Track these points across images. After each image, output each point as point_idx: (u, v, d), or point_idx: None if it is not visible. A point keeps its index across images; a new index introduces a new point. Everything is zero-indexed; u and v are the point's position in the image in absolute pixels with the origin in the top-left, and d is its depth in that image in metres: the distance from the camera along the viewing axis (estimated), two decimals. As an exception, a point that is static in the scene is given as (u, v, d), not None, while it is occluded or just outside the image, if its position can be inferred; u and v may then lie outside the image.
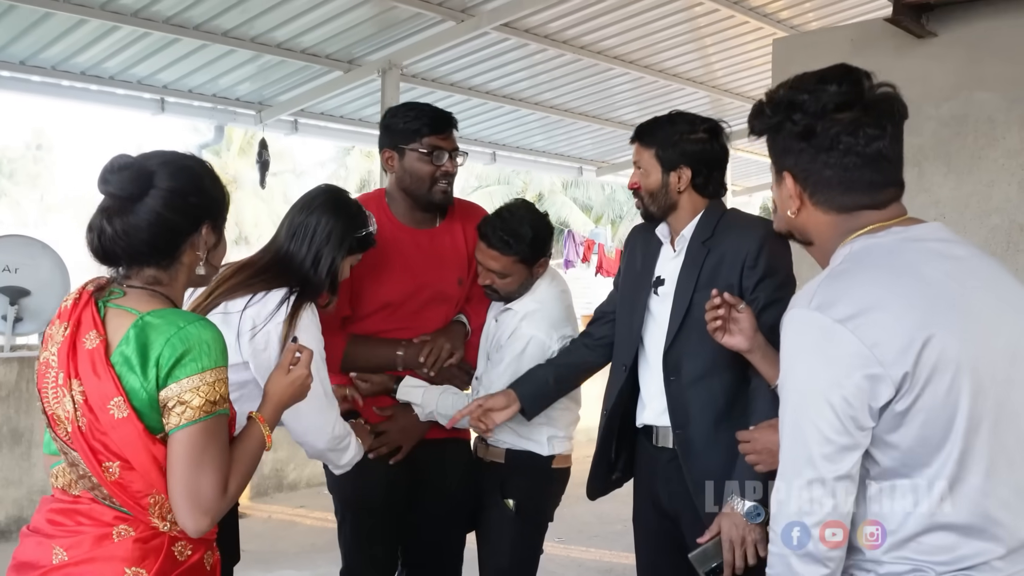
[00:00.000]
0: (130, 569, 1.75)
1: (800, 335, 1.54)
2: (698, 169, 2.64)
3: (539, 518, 3.10)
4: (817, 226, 1.66)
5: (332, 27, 6.94)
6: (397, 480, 3.02)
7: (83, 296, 1.83)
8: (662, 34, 7.69)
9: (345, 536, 3.10)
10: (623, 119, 9.92)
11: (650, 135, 2.68)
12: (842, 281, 1.53)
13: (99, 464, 1.75)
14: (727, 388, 2.58)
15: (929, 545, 1.50)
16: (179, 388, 1.73)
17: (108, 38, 6.70)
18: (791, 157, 1.63)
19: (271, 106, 8.43)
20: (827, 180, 1.61)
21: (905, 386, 1.45)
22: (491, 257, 2.95)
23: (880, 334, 1.45)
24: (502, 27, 7.07)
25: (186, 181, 1.87)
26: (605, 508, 6.86)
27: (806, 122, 1.59)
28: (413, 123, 2.94)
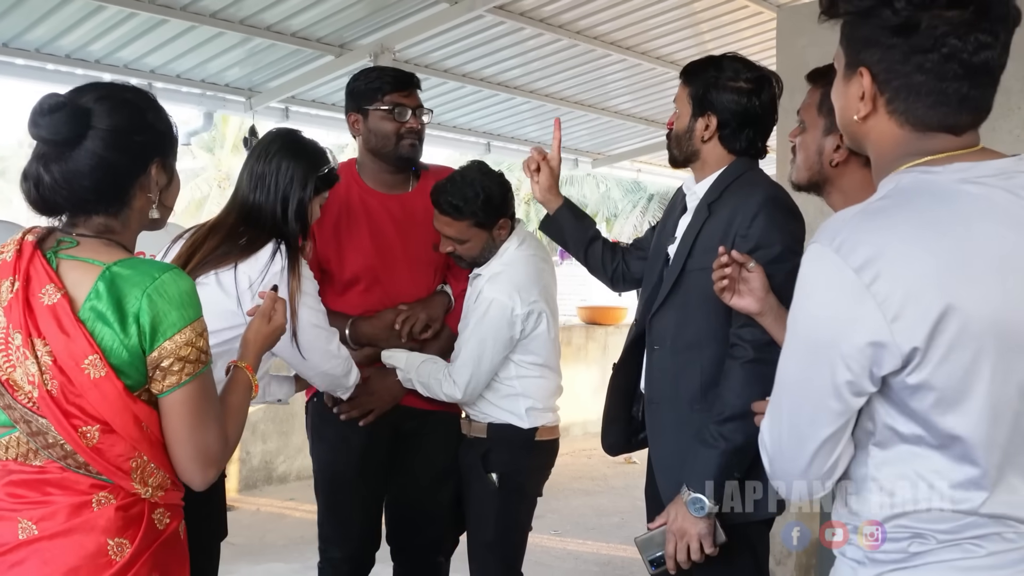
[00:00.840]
0: (113, 540, 1.65)
1: (813, 276, 1.36)
2: (725, 120, 2.48)
3: (522, 492, 3.03)
4: (880, 138, 1.43)
5: (323, 9, 6.80)
6: (374, 450, 2.99)
7: (25, 248, 1.68)
8: (658, 19, 7.56)
9: (319, 506, 3.07)
10: (619, 108, 9.79)
11: (692, 74, 2.55)
12: (876, 221, 1.33)
13: (75, 429, 1.63)
14: (707, 367, 2.42)
15: (934, 518, 1.36)
16: (174, 345, 1.64)
17: (93, 19, 6.54)
18: (876, 51, 1.37)
19: (261, 92, 8.28)
20: (915, 86, 1.36)
21: (914, 360, 1.28)
22: (445, 224, 2.93)
23: (897, 297, 1.27)
24: (496, 10, 6.94)
25: (128, 117, 1.73)
26: (602, 501, 6.81)
27: (908, 13, 1.33)
28: (375, 83, 2.96)
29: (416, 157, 3.06)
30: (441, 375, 2.92)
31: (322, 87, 8.34)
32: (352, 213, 2.99)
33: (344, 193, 2.98)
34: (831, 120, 1.94)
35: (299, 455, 6.81)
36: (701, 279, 2.37)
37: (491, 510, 2.98)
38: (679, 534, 2.31)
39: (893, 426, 1.36)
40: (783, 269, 2.29)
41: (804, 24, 4.47)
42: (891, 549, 1.38)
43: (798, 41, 4.41)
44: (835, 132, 1.95)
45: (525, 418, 2.99)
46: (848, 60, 1.44)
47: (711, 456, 2.30)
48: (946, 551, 1.35)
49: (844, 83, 1.46)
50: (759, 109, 2.52)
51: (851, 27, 1.42)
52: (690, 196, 2.56)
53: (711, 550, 2.33)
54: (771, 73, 2.58)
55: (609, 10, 7.29)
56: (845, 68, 1.45)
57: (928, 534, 1.36)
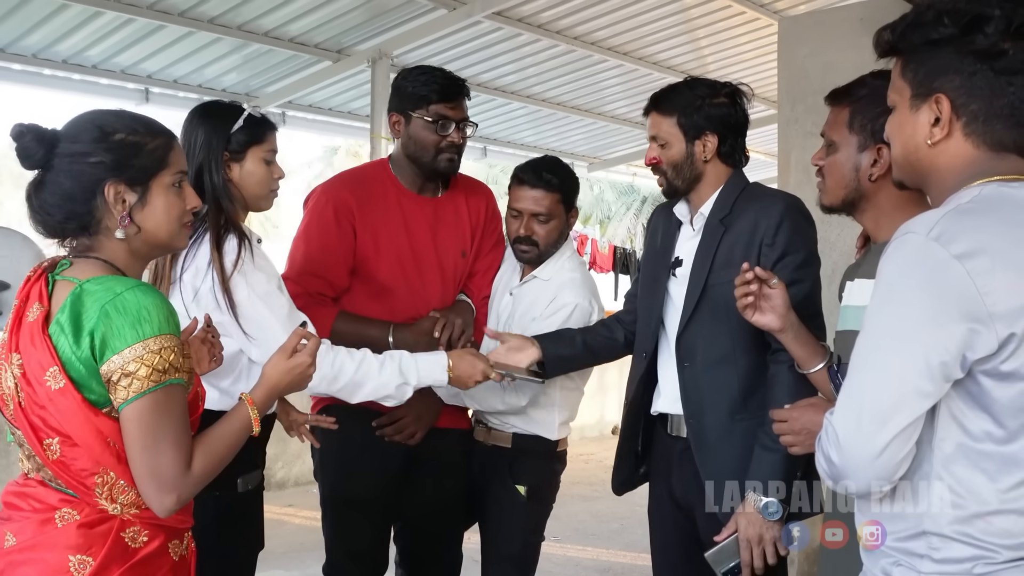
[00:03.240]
0: (75, 556, 1.63)
1: (909, 263, 1.38)
2: (724, 135, 2.49)
3: (548, 503, 3.02)
4: (953, 160, 1.47)
5: (321, 15, 6.83)
6: (387, 473, 2.90)
7: (36, 273, 1.73)
8: (655, 25, 7.61)
9: (327, 529, 2.98)
10: (615, 113, 9.83)
11: (669, 102, 2.53)
12: (970, 219, 1.37)
13: (40, 441, 1.64)
14: (744, 376, 2.44)
15: (1000, 527, 1.36)
16: (121, 359, 1.60)
17: (91, 24, 6.57)
18: (956, 78, 1.43)
19: (258, 98, 8.30)
20: (996, 110, 1.42)
21: (1011, 347, 1.32)
22: (533, 199, 2.87)
23: (997, 284, 1.31)
24: (494, 15, 6.97)
25: (86, 140, 1.71)
26: (601, 507, 6.81)
27: (995, 40, 1.40)
28: (422, 88, 2.83)
29: (453, 172, 2.96)
30: (501, 387, 2.81)
31: (319, 92, 8.38)
32: (390, 215, 2.91)
33: (381, 192, 2.92)
34: (864, 136, 1.98)
35: (297, 461, 6.78)
36: (725, 293, 2.36)
37: (518, 523, 2.92)
38: (755, 541, 2.32)
39: (964, 423, 1.39)
40: (810, 275, 2.38)
41: (805, 34, 4.49)
42: (952, 571, 1.39)
43: (799, 51, 4.43)
44: (871, 147, 1.97)
45: (556, 431, 2.95)
46: (917, 91, 1.48)
47: (775, 459, 2.31)
48: (1010, 571, 1.36)
49: (912, 112, 1.50)
50: (742, 118, 2.57)
51: (923, 56, 1.48)
52: (696, 218, 2.57)
53: (784, 552, 2.36)
54: (737, 83, 2.61)
55: (606, 16, 7.34)
56: (913, 98, 1.49)
57: (994, 548, 1.36)
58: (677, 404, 2.55)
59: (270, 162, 2.44)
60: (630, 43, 7.96)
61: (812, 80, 4.27)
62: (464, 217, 3.02)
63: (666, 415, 2.61)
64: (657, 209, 2.83)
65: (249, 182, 2.42)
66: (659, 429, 2.67)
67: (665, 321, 2.61)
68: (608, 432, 9.45)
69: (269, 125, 2.47)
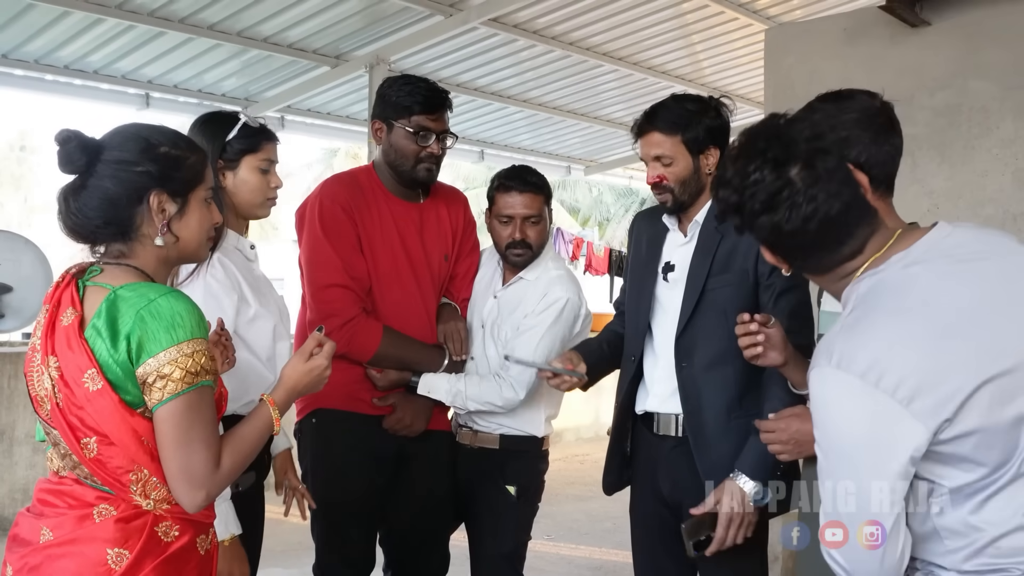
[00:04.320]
0: (112, 550, 1.71)
1: (827, 397, 1.50)
2: (722, 147, 2.60)
3: (535, 502, 3.10)
4: (820, 281, 1.66)
5: (319, 21, 6.90)
6: (375, 476, 2.97)
7: (65, 278, 1.81)
8: (651, 30, 7.66)
9: (317, 532, 3.04)
10: (611, 117, 9.89)
11: (668, 121, 2.59)
12: (857, 332, 1.49)
13: (77, 441, 1.72)
14: (740, 376, 2.53)
15: (1009, 547, 1.46)
16: (157, 363, 1.69)
17: (92, 31, 6.64)
18: (763, 231, 1.61)
19: (257, 102, 8.37)
20: (805, 248, 1.60)
21: (945, 428, 1.42)
22: (523, 204, 2.98)
23: (906, 384, 1.41)
24: (490, 22, 7.03)
25: (134, 149, 1.81)
26: (594, 506, 6.88)
27: (738, 222, 1.62)
28: (405, 99, 2.90)
29: (431, 181, 3.03)
30: (497, 384, 2.93)
31: (318, 97, 8.45)
32: (383, 218, 2.96)
33: (372, 197, 2.97)
34: None
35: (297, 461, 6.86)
36: (723, 296, 2.53)
37: (510, 522, 3.00)
38: (736, 520, 2.42)
39: (943, 482, 1.48)
40: (804, 280, 2.46)
41: (790, 43, 4.57)
42: None
43: (785, 59, 4.52)
44: None
45: (542, 427, 3.04)
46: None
47: (767, 449, 2.39)
48: None
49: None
50: (727, 127, 2.67)
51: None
52: (691, 225, 2.65)
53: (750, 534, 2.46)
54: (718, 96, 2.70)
55: (602, 21, 7.40)
56: None
57: (1010, 567, 1.46)
58: (665, 403, 2.65)
59: (266, 171, 2.48)
60: (625, 48, 8.01)
61: (798, 88, 4.35)
62: (446, 222, 3.10)
63: (651, 415, 2.69)
64: (639, 216, 2.92)
65: (242, 190, 2.47)
66: (642, 430, 2.75)
67: (653, 324, 2.70)
68: (603, 433, 9.49)
69: (266, 135, 2.51)
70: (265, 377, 2.43)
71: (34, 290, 6.12)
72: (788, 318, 2.45)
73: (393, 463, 2.99)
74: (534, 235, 2.99)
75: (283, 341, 2.54)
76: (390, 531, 3.13)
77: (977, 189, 3.96)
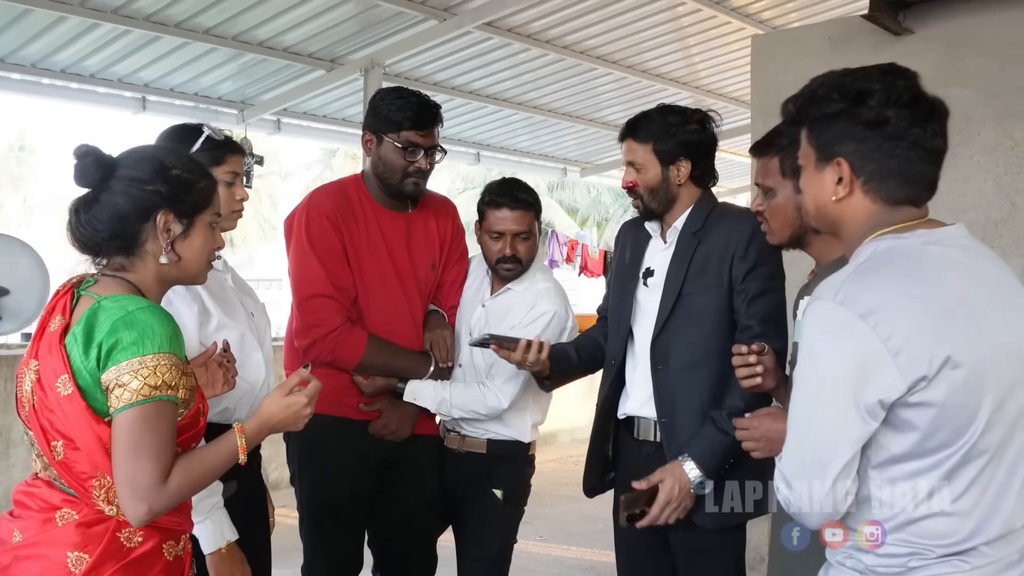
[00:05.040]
0: (72, 553, 1.76)
1: (821, 327, 1.58)
2: (696, 160, 2.66)
3: (521, 506, 3.16)
4: (856, 214, 1.68)
5: (314, 25, 6.93)
6: (362, 480, 3.01)
7: (66, 287, 1.88)
8: (645, 34, 7.69)
9: (305, 534, 3.07)
10: (607, 119, 9.93)
11: (644, 130, 2.68)
12: (867, 279, 1.57)
13: (47, 443, 1.78)
14: (714, 379, 2.59)
15: (930, 530, 1.55)
16: (117, 371, 1.73)
17: (88, 35, 6.67)
18: (851, 143, 1.64)
19: (253, 105, 8.41)
20: (888, 169, 1.63)
21: (920, 387, 1.50)
22: (514, 220, 3.02)
23: (899, 335, 1.50)
24: (485, 26, 7.07)
25: (147, 169, 1.88)
26: (586, 507, 6.87)
27: (879, 110, 1.61)
28: (396, 113, 2.92)
29: (418, 195, 3.06)
30: (481, 392, 2.98)
31: (313, 100, 8.48)
32: (370, 229, 2.99)
33: (359, 207, 3.00)
34: (797, 179, 2.14)
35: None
36: (699, 300, 2.60)
37: (496, 525, 3.05)
38: (674, 504, 2.48)
39: (889, 448, 1.57)
40: (778, 286, 2.58)
41: (776, 50, 4.62)
42: (891, 564, 1.58)
43: (771, 67, 4.56)
44: None
45: (529, 433, 3.09)
46: (820, 155, 1.69)
47: (721, 441, 2.48)
48: (940, 565, 1.54)
49: (818, 173, 1.70)
50: (711, 141, 2.72)
51: (821, 127, 1.68)
52: (669, 231, 2.71)
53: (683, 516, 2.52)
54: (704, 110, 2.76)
55: (597, 25, 7.44)
56: (817, 161, 1.70)
57: (926, 549, 1.55)
58: (644, 407, 2.70)
59: (231, 183, 2.44)
60: (620, 51, 8.05)
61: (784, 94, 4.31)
62: (433, 232, 3.14)
63: (632, 419, 2.74)
64: (625, 224, 2.97)
65: None
66: (624, 434, 2.79)
67: (634, 328, 2.74)
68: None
69: (231, 147, 2.48)
70: (239, 385, 2.41)
71: (31, 293, 6.15)
72: (760, 323, 2.51)
73: (380, 467, 3.03)
74: (524, 250, 3.04)
75: (255, 352, 2.52)
76: (378, 534, 3.16)
77: (959, 196, 4.00)
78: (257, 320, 2.59)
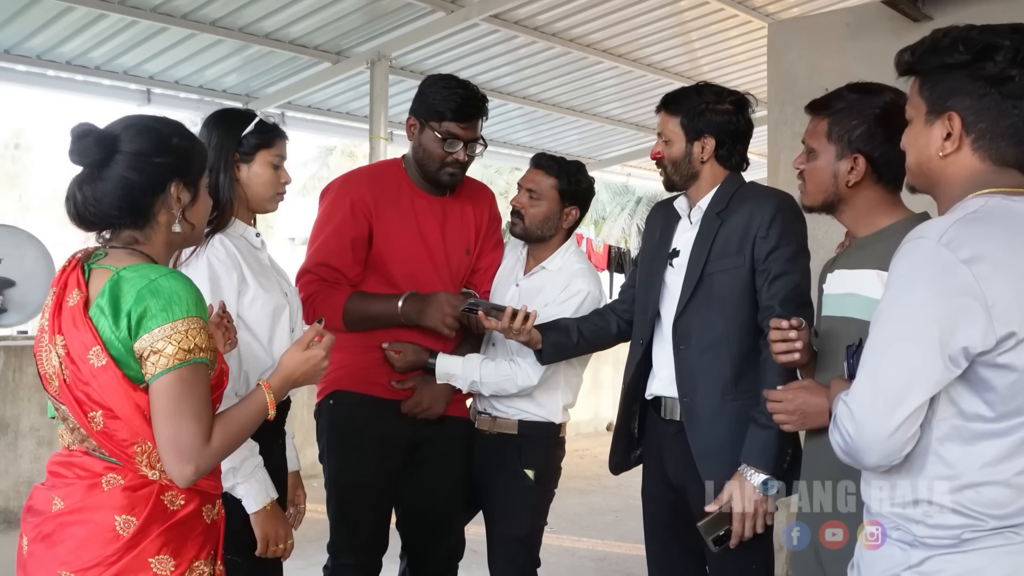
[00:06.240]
0: (120, 516, 1.78)
1: (921, 265, 1.55)
2: (721, 140, 2.67)
3: (551, 488, 3.15)
4: (960, 172, 1.64)
5: (320, 17, 6.93)
6: (389, 460, 3.01)
7: (71, 262, 1.88)
8: (649, 27, 7.72)
9: (331, 512, 3.08)
10: (609, 114, 9.94)
11: (676, 104, 2.71)
12: (976, 227, 1.54)
13: (85, 415, 1.79)
14: (736, 359, 2.59)
15: (988, 497, 1.53)
16: (151, 338, 1.75)
17: (94, 27, 6.67)
18: (967, 99, 1.60)
19: (258, 98, 8.40)
20: (1002, 129, 1.60)
21: (1009, 343, 1.49)
22: (530, 176, 3.08)
23: (998, 287, 1.48)
24: (491, 18, 7.08)
25: (150, 141, 1.88)
26: (596, 500, 6.92)
27: (1004, 67, 1.57)
28: (440, 103, 2.94)
29: (454, 185, 3.08)
30: (511, 370, 2.98)
31: (319, 92, 8.48)
32: (404, 212, 3.03)
33: (395, 190, 3.03)
34: (841, 145, 2.15)
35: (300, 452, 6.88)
36: (721, 280, 2.60)
37: (526, 505, 3.05)
38: (750, 514, 2.46)
39: (960, 405, 1.55)
40: (799, 266, 2.55)
41: (792, 38, 4.62)
42: (943, 535, 1.55)
43: (787, 55, 4.56)
44: (848, 156, 2.14)
45: (560, 414, 3.09)
46: (932, 108, 1.65)
47: (769, 436, 2.45)
48: (993, 538, 1.52)
49: (926, 127, 1.67)
50: (744, 126, 2.73)
51: (936, 79, 1.65)
52: (694, 211, 2.72)
53: (771, 522, 2.51)
54: (745, 93, 2.78)
55: (601, 19, 7.46)
56: (928, 114, 1.66)
57: (979, 519, 1.52)
58: (671, 387, 2.69)
59: (277, 167, 2.56)
60: (624, 45, 8.07)
61: (800, 83, 4.40)
62: (470, 218, 3.15)
63: (660, 399, 2.74)
64: (656, 206, 2.98)
65: (255, 183, 2.54)
66: (651, 414, 2.79)
67: (661, 309, 2.75)
68: (603, 428, 9.55)
69: (279, 132, 2.59)
70: (263, 359, 2.48)
71: (37, 285, 6.12)
72: (781, 303, 2.51)
73: (407, 447, 3.04)
74: (530, 209, 3.06)
75: (286, 329, 2.56)
76: (404, 515, 3.17)
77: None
78: (290, 300, 2.62)
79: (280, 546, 2.42)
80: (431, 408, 3.02)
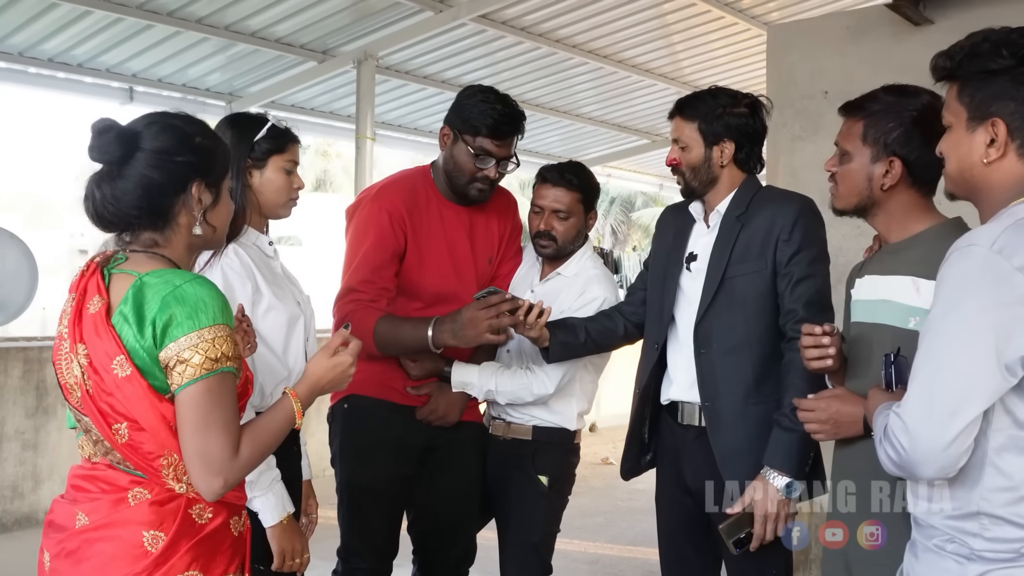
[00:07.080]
0: (148, 532, 1.73)
1: (974, 273, 1.53)
2: (740, 143, 2.65)
3: (565, 495, 3.13)
4: (1004, 179, 1.62)
5: (307, 16, 6.87)
6: (402, 464, 2.99)
7: (90, 267, 1.82)
8: (634, 29, 7.72)
9: (343, 515, 3.05)
10: (592, 115, 9.94)
11: (692, 109, 2.68)
12: None
13: (109, 427, 1.73)
14: (757, 362, 2.59)
15: None
16: (177, 347, 1.70)
17: (78, 24, 6.58)
18: (1011, 103, 1.59)
19: (241, 97, 8.33)
20: None
21: None
22: (554, 197, 2.99)
23: None
24: (479, 18, 7.05)
25: (173, 139, 1.82)
26: (584, 502, 6.90)
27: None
28: (476, 117, 2.86)
29: (482, 201, 3.02)
30: (527, 378, 2.96)
31: (303, 92, 8.41)
32: (432, 223, 2.99)
33: (425, 201, 2.99)
34: (877, 148, 2.12)
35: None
36: (742, 284, 2.59)
37: (540, 513, 3.03)
38: (772, 516, 2.46)
39: (1016, 415, 1.52)
40: (822, 270, 2.56)
41: (792, 41, 4.62)
42: (1002, 549, 1.52)
43: (787, 57, 4.56)
44: (883, 159, 2.11)
45: (575, 421, 3.07)
46: (973, 114, 1.63)
47: (792, 439, 2.45)
48: None
49: (968, 133, 1.65)
50: (760, 128, 2.72)
51: (977, 85, 1.63)
52: (712, 215, 2.71)
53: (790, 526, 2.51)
54: (758, 95, 2.77)
55: (587, 20, 7.44)
56: (969, 120, 1.64)
57: None
58: (688, 391, 2.68)
59: (290, 172, 2.52)
60: (609, 47, 8.07)
61: (800, 86, 4.42)
62: (494, 227, 3.13)
63: (676, 404, 2.72)
64: (668, 209, 2.97)
65: (268, 189, 2.50)
66: (667, 419, 2.78)
67: (676, 314, 2.73)
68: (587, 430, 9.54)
69: (292, 137, 2.55)
70: (277, 370, 2.44)
71: (19, 285, 6.02)
72: (805, 307, 2.51)
73: (420, 452, 3.01)
74: (561, 229, 3.00)
75: (300, 339, 2.53)
76: (416, 519, 3.15)
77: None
78: (304, 309, 2.58)
79: (296, 560, 2.38)
80: (446, 415, 2.99)
